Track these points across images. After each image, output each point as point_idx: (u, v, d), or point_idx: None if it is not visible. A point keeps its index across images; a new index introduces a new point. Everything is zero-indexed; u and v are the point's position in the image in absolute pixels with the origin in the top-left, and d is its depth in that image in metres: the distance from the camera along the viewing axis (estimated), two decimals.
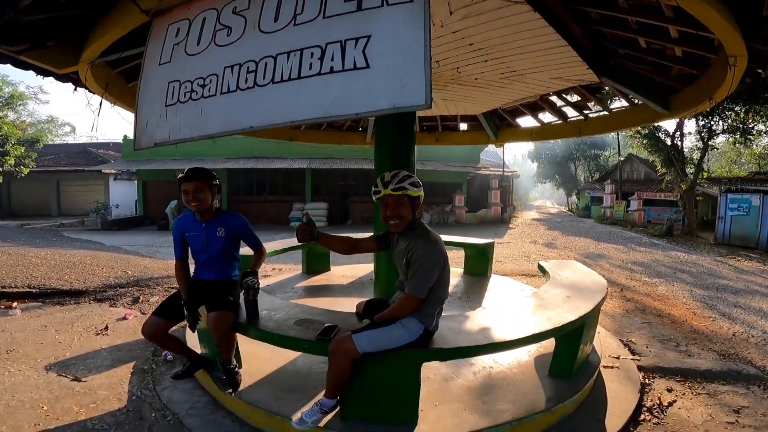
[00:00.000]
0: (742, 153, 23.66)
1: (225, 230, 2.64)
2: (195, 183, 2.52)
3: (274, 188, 17.90)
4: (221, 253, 2.68)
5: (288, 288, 5.34)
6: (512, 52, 3.15)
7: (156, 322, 2.54)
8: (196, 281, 2.72)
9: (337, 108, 1.53)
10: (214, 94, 1.83)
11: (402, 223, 2.05)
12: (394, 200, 2.02)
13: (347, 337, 2.01)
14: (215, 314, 2.43)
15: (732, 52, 2.26)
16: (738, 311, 5.21)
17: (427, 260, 1.98)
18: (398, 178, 2.02)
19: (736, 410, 2.67)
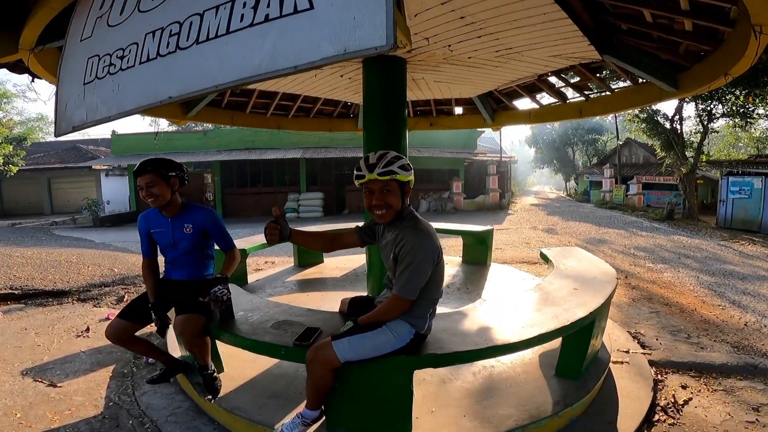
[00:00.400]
0: (740, 137, 23.40)
1: (193, 226, 2.39)
2: (148, 177, 2.27)
3: (269, 179, 17.61)
4: (191, 251, 2.45)
5: (278, 282, 5.12)
6: (507, 27, 2.87)
7: (120, 326, 2.32)
8: (166, 281, 2.50)
9: (270, 63, 1.23)
10: (132, 65, 1.55)
11: (389, 213, 1.78)
12: (380, 186, 1.74)
13: (326, 344, 1.77)
14: (182, 318, 2.21)
15: (758, 21, 2.00)
16: (748, 299, 5.01)
17: (419, 256, 1.71)
18: (386, 159, 1.74)
19: (756, 408, 2.47)
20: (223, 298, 2.14)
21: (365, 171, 1.74)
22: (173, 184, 2.38)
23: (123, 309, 2.42)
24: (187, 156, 16.67)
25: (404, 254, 1.71)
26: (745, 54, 2.34)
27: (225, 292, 2.17)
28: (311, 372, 1.77)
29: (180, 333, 2.24)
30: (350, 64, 3.78)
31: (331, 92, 5.05)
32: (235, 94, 5.11)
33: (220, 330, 2.20)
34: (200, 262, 2.52)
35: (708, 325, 4.02)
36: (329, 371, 1.76)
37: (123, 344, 2.39)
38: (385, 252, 1.87)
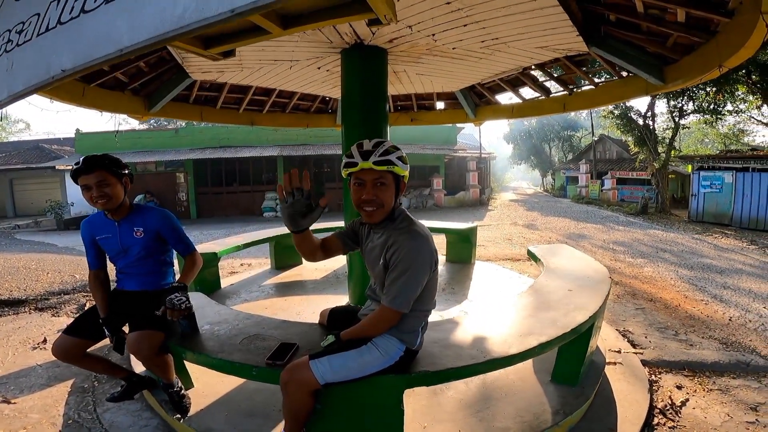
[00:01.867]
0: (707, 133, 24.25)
1: (144, 229, 2.12)
2: (98, 174, 1.97)
3: (245, 178, 17.12)
4: (144, 258, 2.18)
5: (254, 287, 4.85)
6: (495, 14, 2.72)
7: (68, 343, 2.05)
8: (118, 293, 2.23)
9: (199, 9, 0.98)
10: (29, 38, 1.29)
11: (381, 212, 1.53)
12: (373, 178, 1.48)
13: (303, 364, 1.54)
14: (136, 335, 1.96)
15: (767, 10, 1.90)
16: (728, 293, 5.05)
17: (414, 262, 1.47)
18: (383, 148, 1.48)
19: (754, 407, 2.40)
20: (180, 307, 1.90)
21: (358, 158, 1.48)
22: (125, 184, 2.11)
23: (70, 324, 2.14)
24: (157, 155, 16.01)
25: (397, 260, 1.48)
26: (746, 45, 2.24)
27: (183, 300, 1.92)
28: (287, 395, 1.55)
29: (135, 352, 1.98)
30: (328, 55, 3.55)
31: (308, 86, 4.80)
32: (205, 89, 4.80)
33: (183, 348, 1.95)
34: (156, 271, 2.26)
35: (694, 321, 3.99)
36: (308, 393, 1.55)
37: (73, 362, 2.12)
38: (371, 257, 1.65)
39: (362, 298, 3.83)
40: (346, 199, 3.69)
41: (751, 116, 17.20)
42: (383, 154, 1.47)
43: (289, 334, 2.00)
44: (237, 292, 4.65)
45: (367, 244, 1.70)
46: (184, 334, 2.04)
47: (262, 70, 4.05)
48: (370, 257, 1.66)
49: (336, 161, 17.02)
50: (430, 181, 17.78)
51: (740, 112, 16.51)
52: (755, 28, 2.04)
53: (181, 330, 2.02)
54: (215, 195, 17.20)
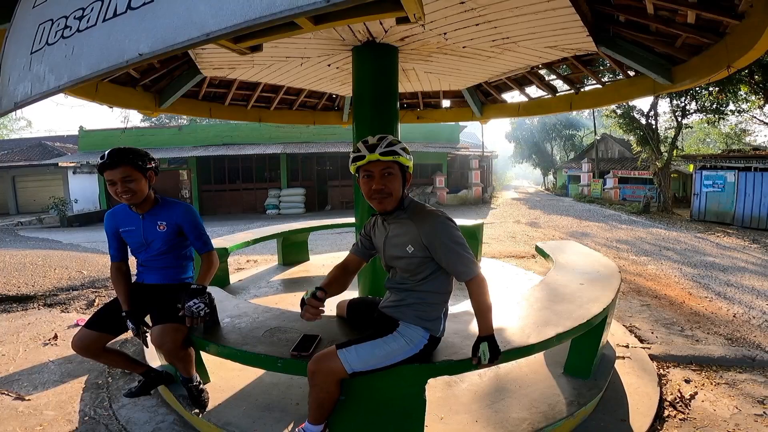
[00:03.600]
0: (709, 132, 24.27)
1: (167, 223, 2.14)
2: (122, 169, 1.98)
3: (248, 176, 17.16)
4: (166, 252, 2.20)
5: (263, 282, 4.90)
6: (507, 14, 2.75)
7: (88, 337, 2.07)
8: (139, 286, 2.24)
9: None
10: (94, 23, 1.28)
11: (391, 201, 1.63)
12: (381, 169, 1.60)
13: (331, 353, 1.59)
14: (161, 329, 1.98)
15: None
16: (732, 290, 5.09)
17: (455, 232, 1.61)
18: (387, 140, 1.60)
19: (761, 401, 2.44)
20: (200, 314, 1.93)
21: (365, 151, 1.59)
22: (150, 178, 2.12)
23: (91, 318, 2.15)
24: (161, 152, 16.04)
25: (443, 239, 1.58)
26: (755, 46, 2.28)
27: (201, 307, 1.94)
28: (314, 385, 1.60)
29: (159, 346, 2.01)
30: (339, 53, 3.59)
31: (317, 83, 4.84)
32: (214, 85, 4.83)
33: (205, 340, 1.99)
34: (177, 265, 2.28)
35: (699, 318, 4.04)
36: (335, 383, 1.60)
37: (93, 357, 2.14)
38: (393, 247, 1.70)
39: (372, 290, 3.87)
40: (357, 196, 3.73)
41: (754, 116, 17.20)
42: (388, 146, 1.58)
43: (310, 326, 2.03)
44: (246, 287, 4.69)
45: (380, 238, 1.75)
46: (207, 326, 2.07)
47: (273, 66, 4.08)
48: (390, 247, 1.71)
49: (339, 159, 17.06)
50: (432, 179, 17.82)
51: (742, 112, 16.51)
52: (765, 30, 2.07)
53: (204, 324, 2.06)
54: (218, 192, 17.25)
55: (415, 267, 1.66)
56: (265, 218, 14.95)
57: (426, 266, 1.66)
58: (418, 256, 1.63)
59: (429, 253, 1.62)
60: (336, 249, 7.68)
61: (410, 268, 1.66)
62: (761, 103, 14.76)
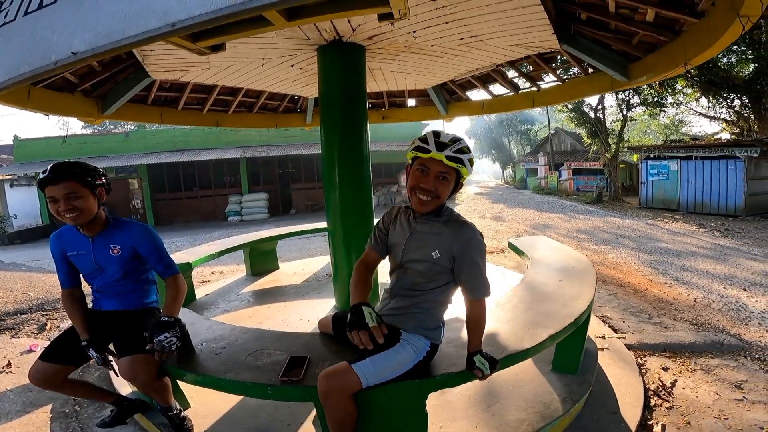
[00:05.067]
0: (650, 124, 25.94)
1: (121, 246, 1.92)
2: (67, 185, 1.75)
3: (206, 182, 16.43)
4: (123, 278, 1.99)
5: (232, 295, 4.64)
6: (477, 12, 2.73)
7: (46, 370, 1.85)
8: (96, 313, 2.03)
9: None
10: (13, 18, 1.07)
11: (433, 204, 1.54)
12: (439, 171, 1.49)
13: (343, 369, 1.49)
14: (129, 361, 1.79)
15: (746, 13, 2.00)
16: (688, 275, 5.40)
17: (483, 252, 1.57)
18: (460, 145, 1.48)
19: (738, 386, 2.55)
20: (171, 349, 1.75)
21: (433, 147, 1.46)
22: (100, 195, 1.89)
23: (47, 349, 1.92)
24: (106, 161, 15.01)
25: (470, 255, 1.53)
26: (714, 44, 2.37)
27: (174, 341, 1.76)
28: (329, 405, 1.48)
29: (130, 379, 1.81)
30: (303, 53, 3.44)
31: (279, 85, 4.64)
32: (165, 89, 4.52)
33: (181, 370, 1.81)
34: (137, 290, 2.07)
35: (663, 304, 4.24)
36: (350, 399, 1.49)
37: (55, 389, 1.93)
38: (415, 247, 1.60)
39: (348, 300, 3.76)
40: (329, 198, 3.59)
41: (690, 108, 18.55)
42: (458, 151, 1.47)
43: (295, 346, 1.90)
44: (215, 302, 4.42)
45: (408, 234, 1.63)
46: (179, 354, 1.88)
47: (232, 68, 3.86)
48: (413, 248, 1.61)
49: (302, 161, 16.70)
50: (397, 178, 17.84)
51: (680, 104, 17.80)
52: (728, 29, 2.15)
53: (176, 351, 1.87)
54: (174, 201, 16.39)
55: (433, 274, 1.59)
56: (228, 225, 14.36)
57: (443, 275, 1.60)
58: (441, 264, 1.56)
59: (452, 264, 1.56)
60: (306, 255, 7.47)
61: (428, 273, 1.59)
62: (697, 95, 15.94)
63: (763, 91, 13.40)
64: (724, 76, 13.89)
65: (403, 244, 1.63)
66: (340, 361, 1.67)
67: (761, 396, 2.41)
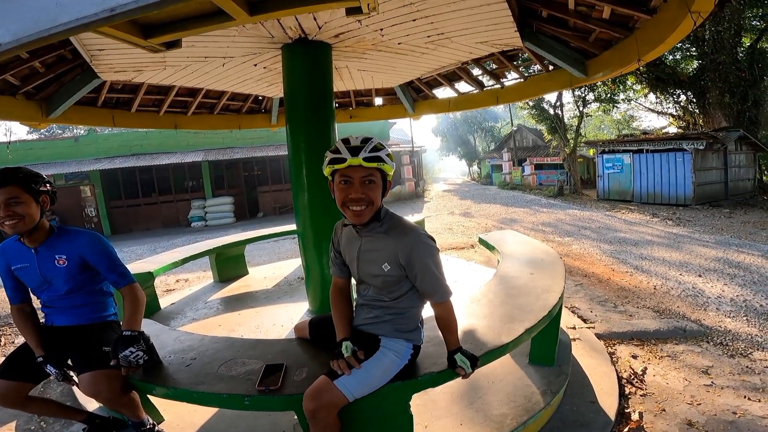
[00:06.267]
0: (604, 120, 27.26)
1: (67, 257, 1.81)
2: (8, 190, 1.65)
3: (166, 187, 15.71)
4: (73, 292, 1.87)
5: (200, 303, 4.45)
6: (444, 9, 2.74)
7: (4, 387, 1.73)
8: (48, 329, 1.90)
9: None
10: None
11: (369, 211, 1.45)
12: (362, 176, 1.42)
13: (326, 386, 1.42)
14: (90, 378, 1.68)
15: (697, 9, 2.10)
16: (646, 263, 5.67)
17: (435, 253, 1.51)
18: (372, 144, 1.42)
19: (705, 371, 2.66)
20: (138, 363, 1.66)
21: (346, 154, 1.39)
22: (44, 203, 1.78)
23: (1, 366, 1.79)
24: (55, 167, 14.09)
25: (423, 259, 1.47)
26: (666, 40, 2.48)
27: (140, 356, 1.67)
28: (317, 423, 1.42)
29: (94, 396, 1.70)
30: (267, 51, 3.33)
31: (242, 85, 4.50)
32: (116, 90, 4.27)
33: (149, 384, 1.71)
34: (91, 302, 1.95)
35: (626, 293, 4.42)
36: (336, 415, 1.44)
37: (17, 408, 1.80)
38: (366, 262, 1.55)
39: (322, 303, 3.69)
40: (297, 201, 3.51)
41: (640, 103, 19.63)
42: (373, 150, 1.41)
43: (270, 353, 1.83)
44: (181, 311, 4.23)
45: (358, 249, 1.58)
46: (145, 368, 1.77)
47: (190, 68, 3.69)
48: (365, 263, 1.56)
49: (268, 163, 16.31)
50: None
51: (631, 101, 18.80)
52: (679, 25, 2.25)
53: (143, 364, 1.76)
54: (132, 208, 15.57)
55: (391, 285, 1.54)
56: (191, 231, 13.82)
57: (402, 284, 1.55)
58: (395, 274, 1.51)
59: (405, 272, 1.51)
60: (276, 258, 7.30)
61: (386, 286, 1.54)
62: (646, 92, 16.88)
63: (707, 86, 14.37)
64: (670, 73, 14.80)
65: (356, 261, 1.59)
66: (317, 367, 1.63)
67: (728, 381, 2.53)
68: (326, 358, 1.72)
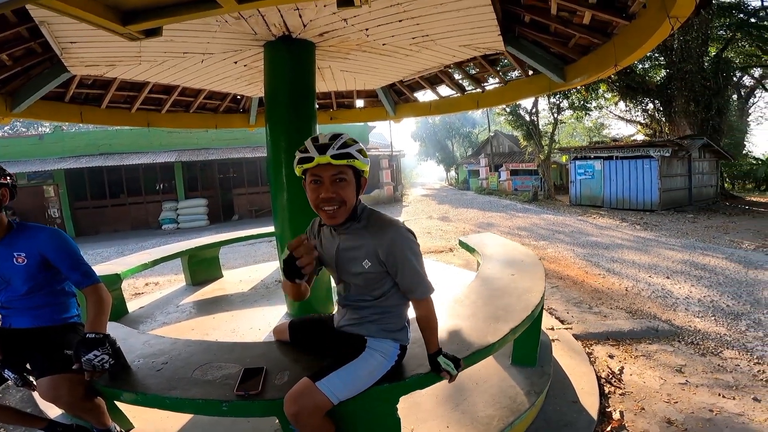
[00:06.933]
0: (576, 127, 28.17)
1: (27, 254, 1.71)
2: None
3: (135, 188, 15.15)
4: (33, 291, 1.77)
5: (171, 307, 4.28)
6: (431, 11, 2.74)
7: None
8: (5, 332, 1.79)
9: None
10: None
11: (343, 211, 1.41)
12: (332, 174, 1.36)
13: (308, 387, 1.36)
14: (49, 382, 1.58)
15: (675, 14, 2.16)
16: (618, 266, 5.85)
17: (414, 248, 1.47)
18: (341, 140, 1.36)
19: (679, 370, 2.74)
20: (103, 367, 1.56)
21: (314, 152, 1.34)
22: (2, 197, 1.70)
23: None
24: (17, 165, 13.38)
25: (402, 255, 1.42)
26: (643, 45, 2.55)
27: (105, 359, 1.56)
28: (303, 427, 1.36)
29: (53, 401, 1.59)
30: (248, 49, 3.26)
31: (220, 83, 4.38)
32: (86, 85, 4.09)
33: (117, 389, 1.61)
34: (53, 303, 1.84)
35: (600, 294, 4.54)
36: (322, 417, 1.38)
37: None
38: (346, 260, 1.49)
39: (301, 306, 3.61)
40: (276, 202, 3.43)
41: (610, 111, 20.38)
42: (342, 147, 1.35)
43: (249, 356, 1.76)
44: (151, 314, 4.05)
45: (336, 247, 1.52)
46: (111, 372, 1.66)
47: (167, 64, 3.57)
48: (344, 262, 1.50)
49: (244, 165, 15.98)
50: None
51: (602, 108, 19.50)
52: (657, 30, 2.31)
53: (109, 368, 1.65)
54: (98, 209, 14.93)
55: (373, 283, 1.50)
56: (162, 234, 13.37)
57: (384, 281, 1.50)
58: (375, 271, 1.46)
59: (386, 268, 1.46)
60: (252, 261, 7.14)
61: (368, 284, 1.50)
62: (616, 100, 17.53)
63: (673, 95, 15.03)
64: (639, 81, 15.42)
65: (335, 260, 1.53)
66: (299, 370, 1.57)
67: (702, 379, 2.61)
68: (308, 361, 1.68)
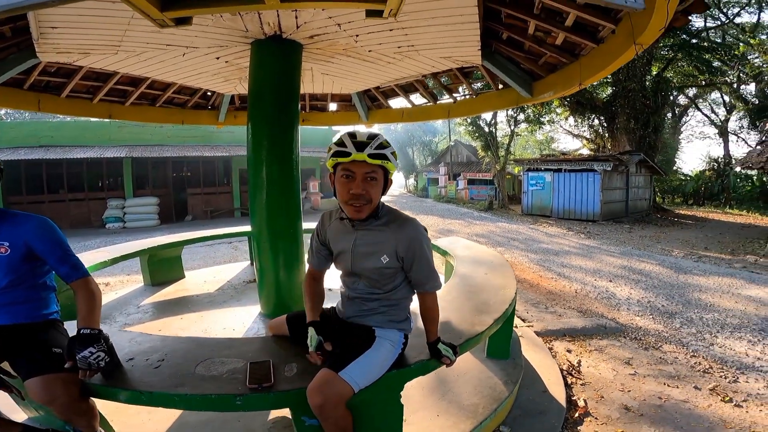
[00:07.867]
0: (529, 139, 29.80)
1: (10, 244, 1.63)
2: None
3: (77, 184, 14.09)
4: (14, 285, 1.67)
5: (131, 308, 4.09)
6: (422, 23, 2.87)
7: None
8: None
9: None
10: None
11: (368, 208, 1.49)
12: (365, 172, 1.44)
13: (331, 377, 1.42)
14: (40, 381, 1.49)
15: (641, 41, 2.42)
16: (567, 270, 6.33)
17: (428, 246, 1.58)
18: (378, 141, 1.43)
19: (628, 362, 3.05)
20: (99, 365, 1.50)
21: (352, 149, 1.40)
22: None
23: None
24: None
25: (417, 251, 1.54)
26: (607, 67, 2.84)
27: (101, 357, 1.50)
28: (327, 417, 1.41)
29: (48, 403, 1.50)
30: (234, 45, 3.25)
31: (195, 78, 4.29)
32: (49, 73, 3.86)
33: (114, 387, 1.56)
34: (35, 299, 1.75)
35: (553, 296, 4.91)
36: (344, 407, 1.44)
37: None
38: (362, 255, 1.57)
39: (276, 306, 3.60)
40: (254, 202, 3.42)
41: (560, 125, 21.78)
42: (378, 147, 1.43)
43: (250, 351, 1.79)
44: (110, 315, 3.85)
45: (353, 242, 1.59)
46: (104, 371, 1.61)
47: (145, 55, 3.47)
48: (360, 256, 1.58)
49: (200, 164, 15.38)
50: (306, 184, 17.53)
51: (553, 122, 20.81)
52: (622, 54, 2.57)
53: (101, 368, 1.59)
54: (34, 205, 13.69)
55: (386, 278, 1.59)
56: (106, 233, 12.54)
57: (396, 276, 1.61)
58: (392, 267, 1.56)
59: (402, 264, 1.57)
60: (213, 263, 6.93)
61: (381, 278, 1.59)
62: (567, 115, 18.77)
63: (617, 112, 16.31)
64: (588, 98, 16.60)
65: (350, 254, 1.59)
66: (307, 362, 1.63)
67: (648, 370, 2.93)
68: None
